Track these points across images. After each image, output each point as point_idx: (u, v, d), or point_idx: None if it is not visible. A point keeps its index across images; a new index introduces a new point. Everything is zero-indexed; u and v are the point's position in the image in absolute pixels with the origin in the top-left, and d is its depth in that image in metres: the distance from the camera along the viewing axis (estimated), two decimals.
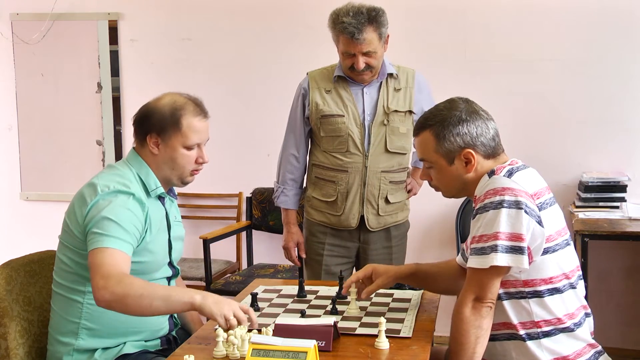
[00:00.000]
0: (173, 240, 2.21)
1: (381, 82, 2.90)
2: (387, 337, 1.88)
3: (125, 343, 2.08)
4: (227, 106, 4.26)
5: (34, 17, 4.41)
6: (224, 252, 4.24)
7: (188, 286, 4.27)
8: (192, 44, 4.30)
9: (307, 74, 2.99)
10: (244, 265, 4.28)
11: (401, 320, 2.06)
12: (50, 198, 4.50)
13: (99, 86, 4.42)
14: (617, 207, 3.61)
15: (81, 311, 2.05)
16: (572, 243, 1.96)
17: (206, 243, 3.81)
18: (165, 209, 2.20)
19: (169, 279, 2.22)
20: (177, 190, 2.30)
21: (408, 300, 2.28)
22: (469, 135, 1.91)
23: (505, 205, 1.80)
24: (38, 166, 4.55)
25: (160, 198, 2.18)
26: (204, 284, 3.87)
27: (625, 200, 3.63)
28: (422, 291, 2.37)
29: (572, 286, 1.91)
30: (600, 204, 3.63)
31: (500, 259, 1.79)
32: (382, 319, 1.89)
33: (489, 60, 3.95)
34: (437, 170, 1.98)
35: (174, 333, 2.24)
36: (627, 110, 3.84)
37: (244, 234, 4.25)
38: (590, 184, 3.63)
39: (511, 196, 1.81)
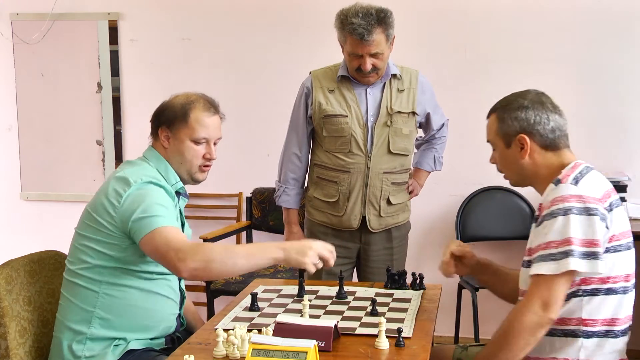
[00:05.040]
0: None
1: (385, 83, 2.89)
2: (387, 337, 1.88)
3: (130, 341, 2.09)
4: (227, 106, 4.18)
5: (34, 17, 4.41)
6: None
7: (187, 287, 4.30)
8: (192, 44, 4.30)
9: (310, 73, 2.98)
10: None
11: (401, 320, 2.06)
12: (50, 198, 4.50)
13: (99, 86, 4.42)
14: None
15: (97, 300, 2.07)
16: (633, 248, 1.95)
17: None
18: (179, 207, 2.24)
19: (179, 278, 2.23)
20: None
21: (408, 300, 2.28)
22: (525, 121, 1.96)
23: (574, 212, 1.81)
24: (38, 166, 4.55)
25: (177, 194, 2.22)
26: (204, 283, 3.88)
27: (625, 200, 3.63)
28: (422, 291, 2.38)
29: (626, 290, 1.90)
30: None
31: (577, 264, 1.78)
32: (382, 319, 1.89)
33: (490, 60, 3.95)
34: (498, 153, 2.05)
35: (177, 333, 2.24)
36: (627, 110, 3.84)
37: (244, 234, 4.25)
38: None
39: (580, 203, 1.81)
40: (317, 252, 1.98)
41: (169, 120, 2.18)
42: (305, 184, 3.07)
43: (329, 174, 2.91)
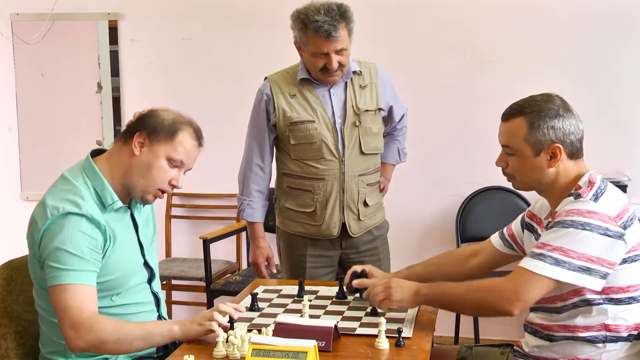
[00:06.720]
0: (143, 238, 2.13)
1: (346, 82, 2.79)
2: (387, 337, 1.88)
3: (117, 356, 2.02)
4: (226, 106, 4.26)
5: (34, 17, 4.41)
6: (224, 252, 4.24)
7: (189, 287, 4.28)
8: (192, 44, 4.30)
9: (265, 78, 2.86)
10: (244, 265, 4.28)
11: (401, 321, 2.06)
12: None
13: (99, 86, 4.42)
14: None
15: None
16: None
17: (206, 243, 3.81)
18: (131, 210, 2.09)
19: (148, 282, 2.13)
20: (176, 189, 2.20)
21: None
22: (562, 131, 1.90)
23: (587, 228, 1.81)
24: (38, 166, 4.55)
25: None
26: (204, 284, 3.87)
27: None
28: None
29: None
30: None
31: (564, 275, 1.80)
32: (382, 319, 1.89)
33: (489, 60, 3.95)
34: (519, 158, 1.95)
35: None
36: (627, 110, 3.84)
37: (244, 234, 4.25)
38: None
39: (596, 220, 1.82)
40: (210, 316, 1.90)
41: (154, 129, 1.99)
42: (273, 195, 2.95)
43: (302, 183, 2.78)
